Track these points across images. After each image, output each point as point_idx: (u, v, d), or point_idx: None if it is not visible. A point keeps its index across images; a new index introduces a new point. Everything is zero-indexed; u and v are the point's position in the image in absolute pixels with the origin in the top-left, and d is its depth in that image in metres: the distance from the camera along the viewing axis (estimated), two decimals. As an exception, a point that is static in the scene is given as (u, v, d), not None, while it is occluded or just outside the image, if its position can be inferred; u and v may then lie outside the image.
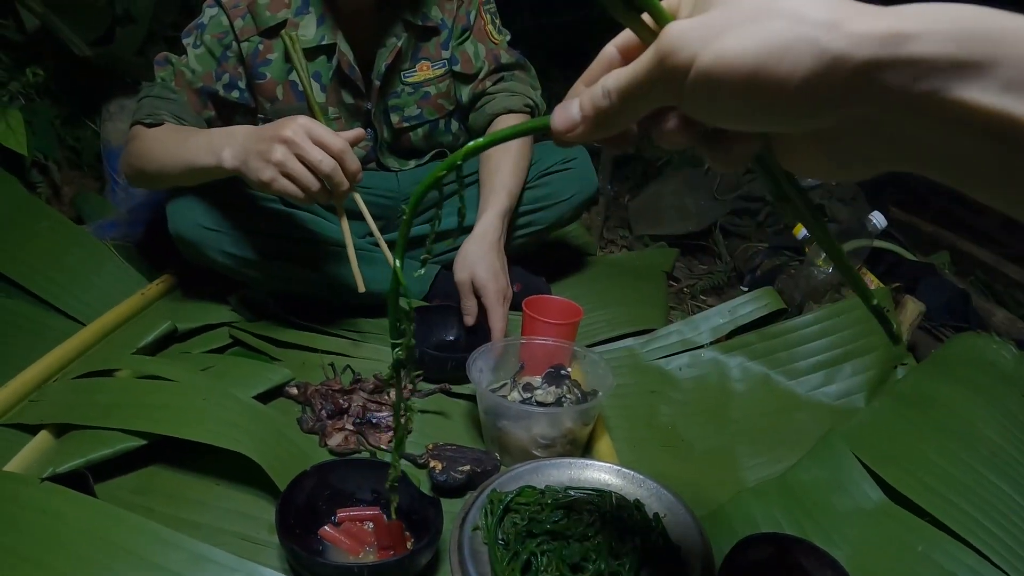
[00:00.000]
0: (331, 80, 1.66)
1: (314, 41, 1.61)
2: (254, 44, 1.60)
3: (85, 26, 2.33)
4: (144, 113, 1.52)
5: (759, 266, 2.16)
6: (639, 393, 1.52)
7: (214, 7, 1.60)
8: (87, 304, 1.64)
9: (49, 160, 2.24)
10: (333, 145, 1.27)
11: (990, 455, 1.31)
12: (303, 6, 1.61)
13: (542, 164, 1.79)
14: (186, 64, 1.58)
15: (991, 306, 2.27)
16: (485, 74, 1.78)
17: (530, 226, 1.79)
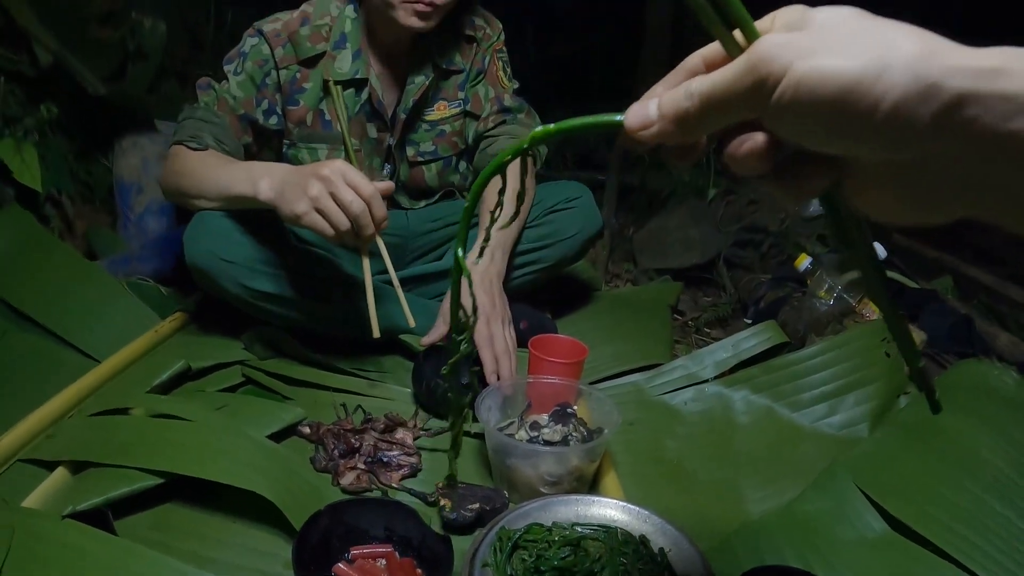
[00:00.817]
0: (357, 112, 1.76)
1: (348, 74, 1.72)
2: (292, 72, 1.71)
3: (98, 62, 2.39)
4: (187, 134, 1.61)
5: (763, 298, 2.18)
6: (645, 428, 1.54)
7: (256, 36, 1.71)
8: (101, 340, 1.68)
9: (62, 195, 2.29)
10: (364, 190, 1.33)
11: (993, 482, 1.33)
12: (341, 40, 1.72)
13: (546, 203, 1.84)
14: (227, 90, 1.68)
15: (995, 329, 2.28)
16: (489, 114, 1.86)
17: (535, 264, 1.83)
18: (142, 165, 2.35)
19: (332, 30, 1.73)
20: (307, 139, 1.78)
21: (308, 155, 1.79)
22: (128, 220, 2.35)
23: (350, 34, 1.73)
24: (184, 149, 1.60)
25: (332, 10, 1.74)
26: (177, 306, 1.85)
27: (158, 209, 2.37)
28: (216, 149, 1.61)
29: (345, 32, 1.73)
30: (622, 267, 2.65)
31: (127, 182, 2.35)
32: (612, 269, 2.65)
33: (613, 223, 2.89)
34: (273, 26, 1.71)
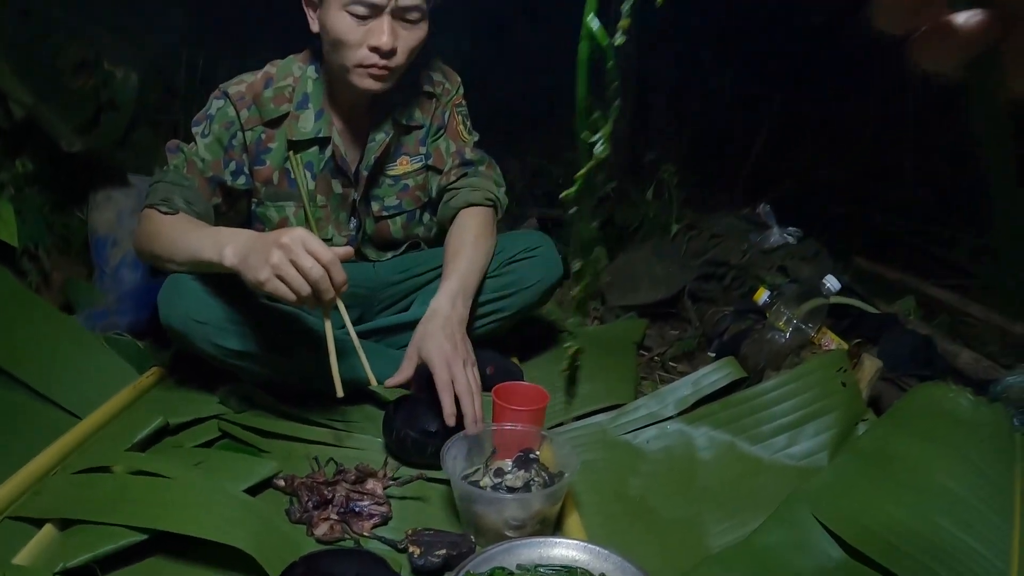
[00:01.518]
0: (322, 170, 1.83)
1: (311, 134, 1.79)
2: (257, 133, 1.77)
3: (71, 113, 2.44)
4: (159, 198, 1.65)
5: (726, 330, 2.24)
6: (608, 468, 1.59)
7: (222, 99, 1.76)
8: (81, 396, 1.71)
9: (39, 248, 2.33)
10: (323, 256, 1.37)
11: (948, 505, 1.38)
12: (303, 101, 1.79)
13: (507, 252, 1.89)
14: (196, 152, 1.73)
15: (956, 348, 2.34)
16: (450, 167, 1.92)
17: (497, 313, 1.88)
18: (116, 218, 2.39)
19: (295, 91, 1.79)
20: (274, 197, 1.83)
21: (276, 212, 1.84)
22: (104, 272, 2.39)
23: (312, 94, 1.80)
24: (156, 213, 1.64)
25: (294, 71, 1.81)
26: (153, 361, 1.89)
27: (132, 262, 2.40)
28: (187, 212, 1.65)
29: (307, 92, 1.80)
30: (590, 306, 2.70)
31: (102, 235, 2.39)
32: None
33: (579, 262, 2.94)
34: (238, 88, 1.77)
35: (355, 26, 1.64)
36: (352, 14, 1.63)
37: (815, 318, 2.00)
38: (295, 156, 1.81)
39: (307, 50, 1.84)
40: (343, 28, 1.64)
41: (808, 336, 1.96)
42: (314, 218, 1.85)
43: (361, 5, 1.62)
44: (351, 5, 1.62)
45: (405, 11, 1.65)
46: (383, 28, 1.63)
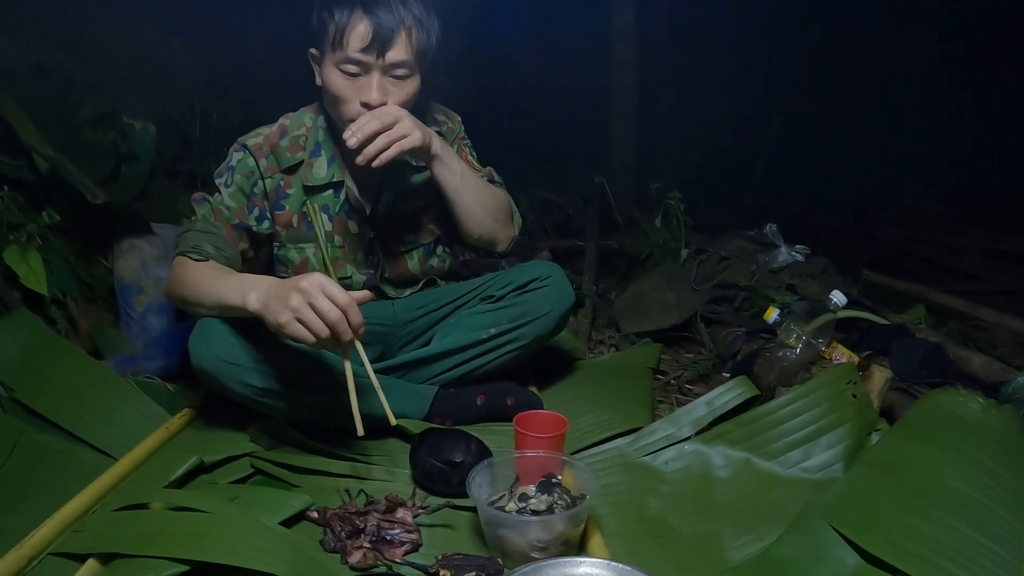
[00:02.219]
0: (338, 212, 1.92)
1: (325, 179, 1.90)
2: (276, 180, 1.88)
3: (93, 166, 2.53)
4: (189, 245, 1.73)
5: (739, 351, 2.29)
6: (628, 490, 1.64)
7: (241, 151, 1.88)
8: (115, 438, 1.78)
9: (67, 297, 2.40)
10: (341, 299, 1.45)
11: (960, 507, 1.42)
12: (316, 148, 1.91)
13: (518, 283, 1.96)
14: (221, 202, 1.83)
15: (968, 353, 2.38)
16: None
17: (513, 343, 1.93)
18: (141, 266, 2.47)
19: (308, 139, 1.90)
20: (294, 240, 1.92)
21: (297, 254, 1.93)
22: (130, 319, 2.47)
23: (323, 142, 1.91)
24: (186, 260, 1.72)
25: (307, 121, 1.92)
26: (184, 402, 1.97)
27: (159, 308, 2.48)
28: (216, 258, 1.73)
29: (319, 141, 1.91)
30: (605, 334, 2.76)
31: (127, 283, 2.48)
32: (595, 336, 2.76)
33: (594, 292, 3.00)
34: (256, 140, 1.88)
35: (347, 83, 1.76)
36: (344, 72, 1.75)
37: (824, 333, 2.04)
38: (311, 201, 1.90)
39: (317, 101, 1.94)
40: (337, 85, 1.77)
41: (818, 351, 2.00)
42: (332, 258, 1.92)
43: (351, 63, 1.74)
44: (342, 64, 1.74)
45: (393, 68, 1.76)
46: (372, 86, 1.75)
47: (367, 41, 1.71)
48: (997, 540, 1.36)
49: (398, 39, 1.74)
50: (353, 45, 1.72)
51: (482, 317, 1.93)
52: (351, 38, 1.71)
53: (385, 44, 1.72)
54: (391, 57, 1.74)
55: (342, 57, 1.73)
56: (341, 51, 1.73)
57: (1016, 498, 1.49)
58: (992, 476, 1.54)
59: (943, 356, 2.30)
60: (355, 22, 1.71)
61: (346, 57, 1.73)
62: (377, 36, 1.71)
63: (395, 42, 1.73)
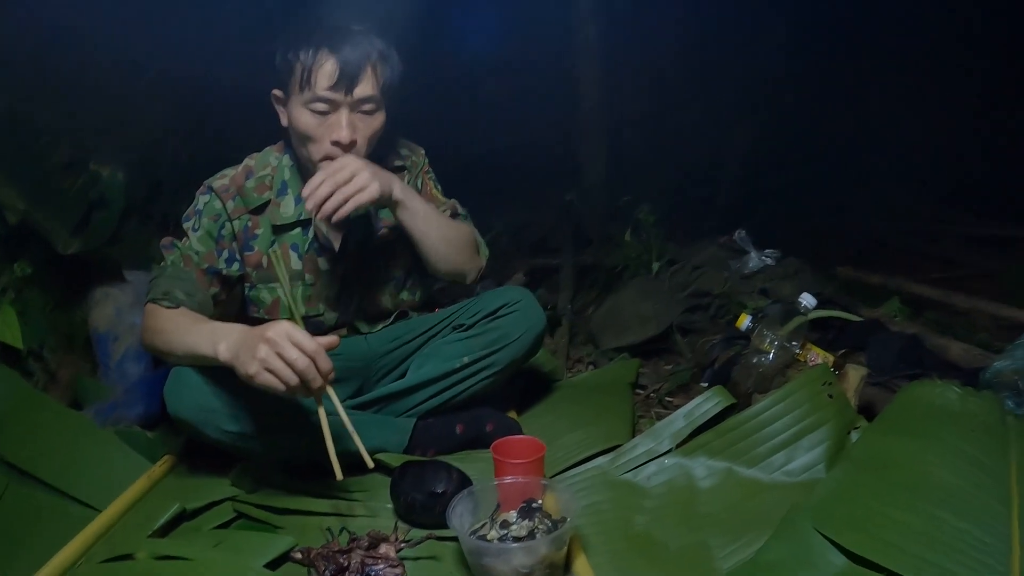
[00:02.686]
0: (307, 250, 1.92)
1: (293, 217, 1.90)
2: (244, 221, 1.88)
3: (63, 214, 2.52)
4: (160, 292, 1.73)
5: (716, 359, 2.30)
6: (612, 508, 1.63)
7: (207, 193, 1.88)
8: (98, 489, 1.77)
9: (44, 348, 2.38)
10: (308, 346, 1.45)
11: (945, 497, 1.44)
12: (283, 187, 1.92)
13: (488, 309, 1.96)
14: (189, 247, 1.83)
15: (946, 341, 2.40)
16: None
17: (488, 369, 1.93)
18: (116, 314, 2.46)
19: (274, 179, 1.91)
20: (265, 280, 1.92)
21: (268, 294, 1.93)
22: (108, 367, 2.44)
23: (290, 180, 1.92)
24: (157, 308, 1.72)
25: (272, 160, 1.93)
26: (165, 449, 1.95)
27: (135, 355, 2.46)
28: (187, 304, 1.73)
29: (285, 179, 1.92)
30: (583, 351, 2.76)
31: (103, 331, 2.46)
32: (573, 355, 2.76)
33: (569, 310, 3.01)
34: (222, 182, 1.88)
35: (317, 122, 1.78)
36: (313, 111, 1.77)
37: (798, 336, 2.06)
38: (280, 240, 1.90)
39: (282, 140, 1.96)
40: (306, 124, 1.78)
41: (793, 354, 2.02)
42: (303, 296, 1.93)
43: (320, 102, 1.76)
44: (311, 103, 1.76)
45: (361, 103, 1.79)
46: (342, 123, 1.77)
47: (335, 79, 1.74)
48: (984, 527, 1.38)
49: (364, 75, 1.76)
50: (321, 83, 1.74)
51: (455, 346, 1.94)
52: (319, 77, 1.74)
53: (352, 81, 1.75)
54: (359, 93, 1.76)
55: (310, 96, 1.75)
56: (309, 90, 1.74)
57: (1000, 483, 1.52)
58: (975, 463, 1.57)
59: (920, 347, 2.32)
60: (322, 61, 1.74)
61: (315, 96, 1.75)
62: (344, 73, 1.74)
63: (362, 78, 1.76)
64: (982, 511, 1.42)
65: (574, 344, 2.83)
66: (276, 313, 1.93)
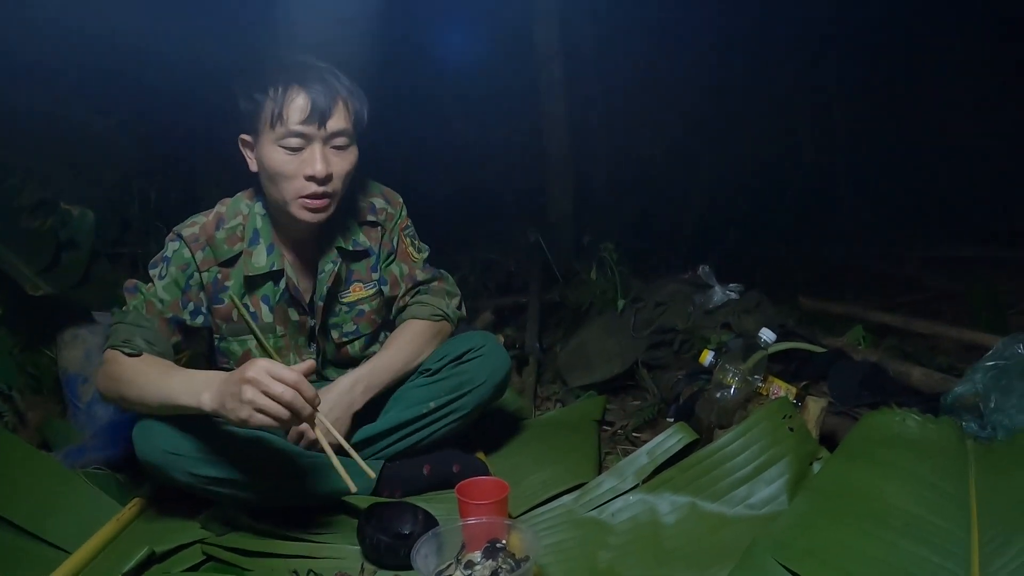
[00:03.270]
0: (279, 301, 1.91)
1: (265, 268, 1.88)
2: (213, 273, 1.86)
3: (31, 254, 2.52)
4: (120, 339, 1.72)
5: (680, 394, 2.33)
6: (577, 545, 1.65)
7: (176, 241, 1.85)
8: (67, 531, 1.75)
9: (12, 389, 2.39)
10: (289, 378, 1.46)
11: (904, 525, 1.47)
12: (255, 237, 1.89)
13: (453, 354, 1.97)
14: (154, 294, 1.81)
15: (908, 367, 2.45)
16: (403, 291, 2.04)
17: (453, 414, 1.95)
18: (85, 356, 2.46)
19: (245, 229, 1.89)
20: (235, 332, 1.91)
21: (239, 346, 1.92)
22: (77, 409, 2.44)
23: (262, 229, 1.90)
24: (119, 355, 1.70)
25: (243, 208, 1.91)
26: (134, 492, 1.94)
27: (105, 397, 2.47)
28: (148, 352, 1.72)
29: (257, 228, 1.89)
30: (550, 389, 2.78)
31: (72, 373, 2.46)
32: (541, 393, 2.78)
33: (537, 348, 3.03)
34: (192, 230, 1.85)
35: (290, 159, 1.76)
36: (285, 147, 1.75)
37: (760, 369, 2.09)
38: (244, 298, 1.89)
39: (252, 187, 1.94)
40: (278, 162, 1.76)
41: (754, 388, 2.05)
42: (275, 347, 1.91)
43: (293, 137, 1.74)
44: (284, 139, 1.74)
45: (334, 137, 1.78)
46: (316, 157, 1.76)
47: (307, 112, 1.73)
48: (943, 554, 1.42)
49: (336, 108, 1.77)
50: (293, 118, 1.73)
51: (421, 391, 1.95)
52: (290, 112, 1.73)
53: (325, 113, 1.75)
54: (332, 126, 1.76)
55: (283, 132, 1.74)
56: (282, 126, 1.73)
57: (961, 507, 1.56)
58: (934, 490, 1.60)
59: (882, 375, 2.36)
60: (292, 95, 1.73)
61: (287, 131, 1.73)
62: (316, 106, 1.73)
63: (334, 111, 1.76)
64: (942, 537, 1.46)
65: (542, 382, 2.86)
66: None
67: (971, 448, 1.81)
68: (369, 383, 1.88)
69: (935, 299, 4.12)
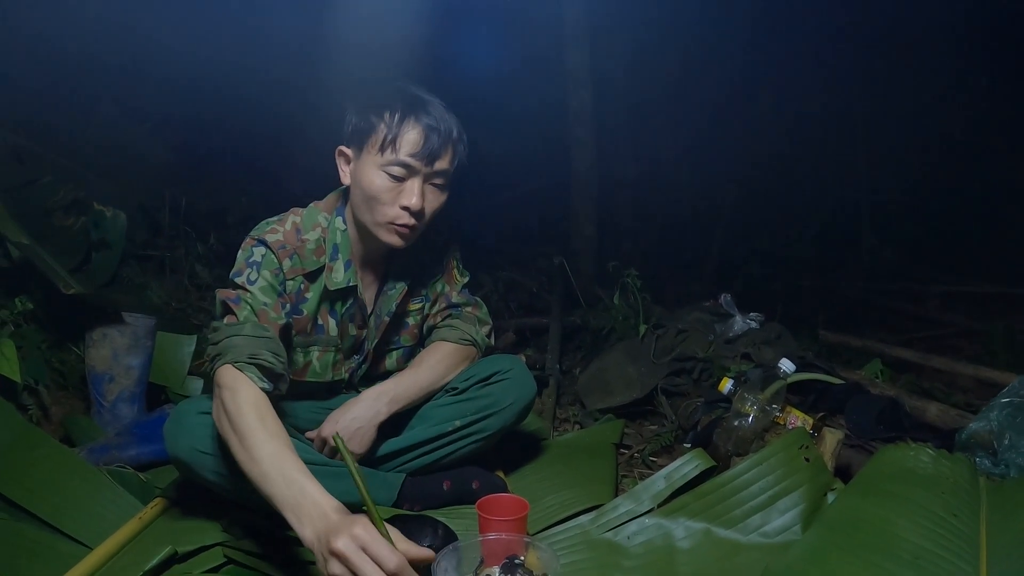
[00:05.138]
0: (343, 316, 1.95)
1: (343, 283, 1.91)
2: (298, 283, 1.87)
3: (64, 253, 2.56)
4: (244, 354, 1.62)
5: (699, 422, 2.34)
6: (593, 567, 1.68)
7: (261, 247, 1.82)
8: (89, 528, 1.79)
9: (39, 384, 2.43)
10: (388, 563, 1.20)
11: (914, 559, 1.49)
12: (334, 252, 1.91)
13: (481, 375, 2.01)
14: (260, 301, 1.75)
15: (924, 403, 2.47)
16: (437, 311, 2.09)
17: (477, 434, 1.99)
18: (112, 355, 2.50)
19: (325, 242, 1.90)
20: (304, 344, 1.93)
21: (302, 357, 1.94)
22: (102, 407, 2.49)
23: (341, 245, 1.92)
24: (242, 380, 1.59)
25: (321, 221, 1.92)
26: (157, 492, 1.97)
27: (129, 396, 2.51)
28: (276, 368, 1.64)
29: (337, 244, 1.91)
30: (569, 411, 2.81)
31: (99, 372, 2.50)
32: (560, 415, 2.81)
33: (557, 370, 3.06)
34: (275, 237, 1.83)
35: (390, 185, 1.79)
36: (389, 174, 1.79)
37: (778, 399, 2.11)
38: (333, 305, 1.92)
39: (329, 199, 1.97)
40: (379, 187, 1.79)
41: (772, 417, 2.07)
42: (333, 362, 1.97)
43: (399, 166, 1.78)
44: (390, 166, 1.78)
45: (435, 176, 1.83)
46: (415, 190, 1.80)
47: (419, 147, 1.77)
48: (950, 587, 1.42)
49: (446, 150, 1.81)
50: (404, 149, 1.77)
51: (446, 409, 1.99)
52: (404, 142, 1.77)
53: (436, 153, 1.79)
54: (438, 166, 1.81)
55: (392, 159, 1.77)
56: (392, 153, 1.77)
57: (969, 543, 1.57)
58: (944, 526, 1.62)
59: (899, 409, 2.36)
60: (409, 127, 1.77)
61: (396, 160, 1.77)
62: (429, 143, 1.78)
63: (443, 152, 1.81)
64: (950, 572, 1.47)
65: (561, 404, 2.88)
66: (303, 375, 1.94)
67: (983, 485, 1.83)
68: (395, 396, 1.91)
69: (954, 336, 4.13)
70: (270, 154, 4.31)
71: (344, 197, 1.94)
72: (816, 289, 4.94)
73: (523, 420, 2.11)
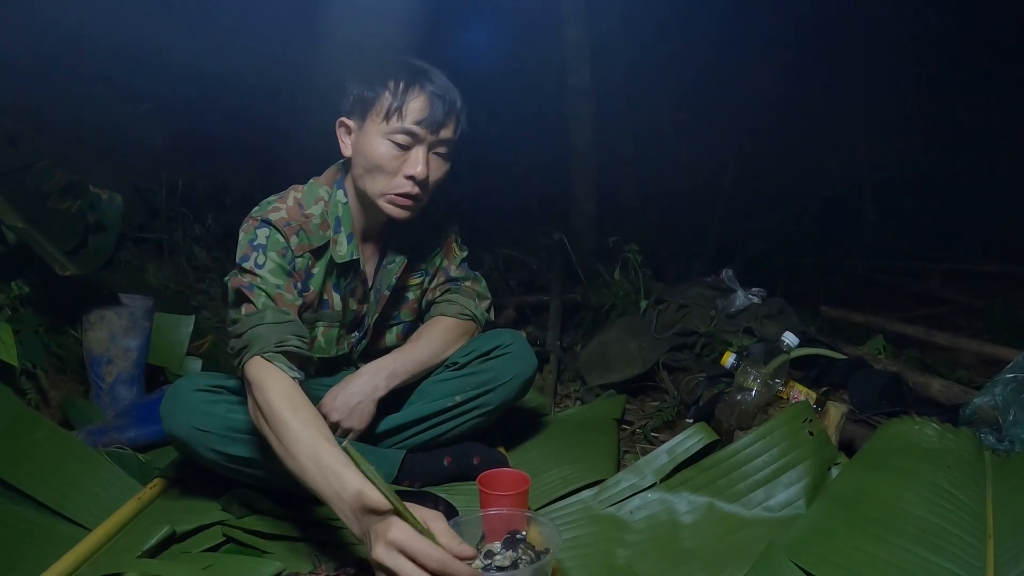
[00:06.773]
0: (346, 288, 1.93)
1: (346, 257, 1.89)
2: (306, 260, 1.85)
3: (60, 236, 2.55)
4: (271, 343, 1.60)
5: (701, 396, 2.33)
6: (595, 541, 1.66)
7: (266, 227, 1.79)
8: (87, 510, 1.78)
9: (36, 368, 2.41)
10: (429, 561, 1.21)
11: (919, 532, 1.49)
12: (337, 225, 1.89)
13: (481, 349, 2.00)
14: (273, 285, 1.72)
15: (927, 378, 2.46)
16: (436, 285, 2.07)
17: (478, 408, 1.97)
18: (110, 337, 2.49)
19: (328, 215, 1.89)
20: (310, 321, 1.91)
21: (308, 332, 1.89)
22: (100, 390, 2.48)
23: (343, 218, 1.90)
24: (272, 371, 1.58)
25: (322, 194, 1.90)
26: (156, 473, 1.95)
27: (128, 378, 2.50)
28: (303, 352, 1.65)
29: (339, 217, 1.89)
30: (570, 387, 2.80)
31: (96, 354, 2.49)
32: (561, 391, 2.80)
33: (558, 347, 3.05)
34: (279, 215, 1.81)
35: (395, 154, 1.78)
36: (394, 142, 1.77)
37: (781, 374, 2.10)
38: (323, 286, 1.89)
39: (328, 173, 1.95)
40: (383, 155, 1.77)
41: (775, 391, 2.06)
42: (337, 336, 1.96)
43: (405, 134, 1.77)
44: (395, 134, 1.77)
45: (440, 144, 1.82)
46: (419, 158, 1.78)
47: (424, 114, 1.76)
48: (957, 562, 1.43)
49: (450, 119, 1.80)
50: (410, 117, 1.75)
51: (446, 384, 1.98)
52: (409, 110, 1.76)
53: (441, 121, 1.78)
54: (443, 134, 1.80)
55: (397, 127, 1.76)
56: (398, 120, 1.75)
57: (976, 518, 1.57)
58: (950, 499, 1.62)
59: (902, 384, 2.36)
60: (414, 95, 1.76)
61: (402, 127, 1.75)
62: (434, 111, 1.77)
63: (448, 121, 1.80)
64: (956, 546, 1.47)
65: (562, 380, 2.87)
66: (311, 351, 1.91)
67: (989, 460, 1.83)
68: (394, 371, 1.90)
69: (955, 313, 4.13)
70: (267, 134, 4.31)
71: (344, 169, 1.92)
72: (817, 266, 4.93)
73: (524, 395, 2.10)
